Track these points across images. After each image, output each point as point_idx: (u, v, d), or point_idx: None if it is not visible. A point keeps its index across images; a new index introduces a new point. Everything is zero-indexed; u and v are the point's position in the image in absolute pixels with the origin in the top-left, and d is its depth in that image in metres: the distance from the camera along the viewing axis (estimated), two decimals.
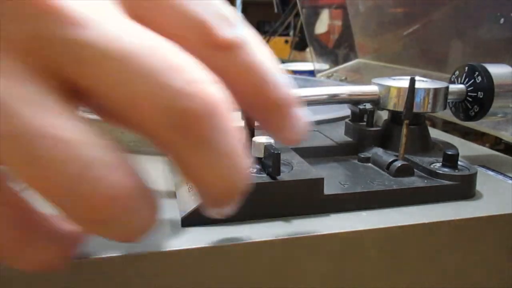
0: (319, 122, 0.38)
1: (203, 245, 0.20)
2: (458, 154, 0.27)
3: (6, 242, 0.13)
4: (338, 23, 0.86)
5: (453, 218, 0.24)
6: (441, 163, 0.27)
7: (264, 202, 0.22)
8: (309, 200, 0.23)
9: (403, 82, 0.30)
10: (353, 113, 0.33)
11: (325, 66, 0.84)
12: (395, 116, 0.31)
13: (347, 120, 0.33)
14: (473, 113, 0.32)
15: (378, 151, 0.29)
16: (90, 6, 0.12)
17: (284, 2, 1.35)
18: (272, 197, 0.23)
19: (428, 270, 0.24)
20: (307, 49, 1.08)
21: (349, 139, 0.32)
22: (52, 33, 0.11)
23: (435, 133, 0.38)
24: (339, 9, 0.85)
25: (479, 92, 0.31)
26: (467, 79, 0.32)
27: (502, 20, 0.44)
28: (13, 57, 0.12)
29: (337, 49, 0.83)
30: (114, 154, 0.12)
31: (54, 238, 0.14)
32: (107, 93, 0.12)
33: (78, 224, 0.13)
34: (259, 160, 0.24)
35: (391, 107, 0.30)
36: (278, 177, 0.23)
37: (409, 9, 0.61)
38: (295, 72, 0.97)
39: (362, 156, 0.30)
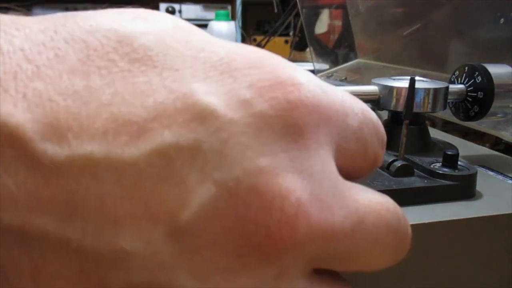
0: None
1: None
2: (458, 154, 0.27)
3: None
4: (338, 23, 0.86)
5: (453, 218, 0.24)
6: (441, 163, 0.27)
7: None
8: None
9: (403, 82, 0.30)
10: None
11: (325, 66, 0.84)
12: (395, 116, 0.31)
13: None
14: (473, 113, 0.32)
15: None
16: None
17: (284, 2, 1.35)
18: None
19: (428, 270, 0.24)
20: (307, 49, 1.08)
21: None
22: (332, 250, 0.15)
23: (435, 133, 0.38)
24: (339, 9, 0.85)
25: (479, 92, 0.31)
26: (467, 79, 0.32)
27: (502, 20, 0.44)
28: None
29: (337, 49, 0.83)
30: None
31: None
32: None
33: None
34: None
35: (391, 107, 0.30)
36: None
37: (409, 9, 0.61)
38: None
39: None
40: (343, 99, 0.16)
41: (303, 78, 0.15)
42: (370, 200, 0.16)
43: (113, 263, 0.13)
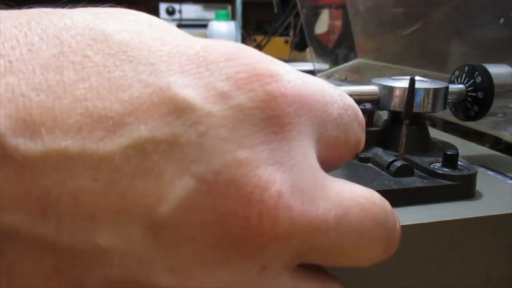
0: None
1: None
2: (458, 154, 0.27)
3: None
4: (338, 23, 0.86)
5: (453, 218, 0.24)
6: (441, 163, 0.27)
7: None
8: None
9: (403, 82, 0.30)
10: None
11: (325, 66, 0.84)
12: (395, 116, 0.31)
13: None
14: (473, 113, 0.32)
15: (378, 151, 0.29)
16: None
17: (284, 2, 1.35)
18: None
19: (428, 270, 0.24)
20: (307, 49, 1.08)
21: None
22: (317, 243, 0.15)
23: (435, 133, 0.38)
24: (339, 9, 0.85)
25: (479, 92, 0.31)
26: (467, 79, 0.32)
27: (502, 20, 0.44)
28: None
29: (337, 49, 0.83)
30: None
31: None
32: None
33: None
34: None
35: (391, 107, 0.30)
36: None
37: (409, 9, 0.61)
38: None
39: (362, 156, 0.30)
40: (322, 87, 0.16)
41: (281, 70, 0.15)
42: (354, 194, 0.16)
43: (89, 260, 0.13)
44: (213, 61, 0.14)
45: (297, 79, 0.15)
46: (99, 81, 0.13)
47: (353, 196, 0.16)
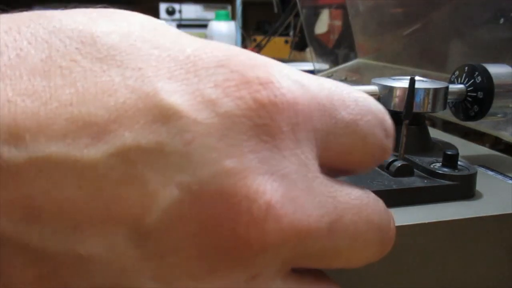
0: None
1: None
2: (458, 154, 0.27)
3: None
4: (338, 23, 0.86)
5: (453, 218, 0.24)
6: (441, 163, 0.27)
7: None
8: None
9: (403, 82, 0.30)
10: None
11: (325, 66, 0.84)
12: (395, 116, 0.31)
13: None
14: (473, 113, 0.32)
15: None
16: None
17: (284, 2, 1.35)
18: None
19: (428, 270, 0.24)
20: (307, 49, 1.08)
21: None
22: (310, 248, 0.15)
23: (435, 133, 0.38)
24: (339, 9, 0.85)
25: (479, 92, 0.31)
26: (467, 79, 0.32)
27: (502, 20, 0.44)
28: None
29: (337, 49, 0.83)
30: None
31: None
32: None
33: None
34: None
35: (391, 107, 0.30)
36: None
37: (409, 9, 0.61)
38: None
39: None
40: (330, 91, 0.16)
41: (274, 76, 0.14)
42: (349, 197, 0.15)
43: (73, 269, 0.13)
44: (202, 67, 0.14)
45: (294, 85, 0.14)
46: (85, 86, 0.13)
47: (348, 200, 0.15)
